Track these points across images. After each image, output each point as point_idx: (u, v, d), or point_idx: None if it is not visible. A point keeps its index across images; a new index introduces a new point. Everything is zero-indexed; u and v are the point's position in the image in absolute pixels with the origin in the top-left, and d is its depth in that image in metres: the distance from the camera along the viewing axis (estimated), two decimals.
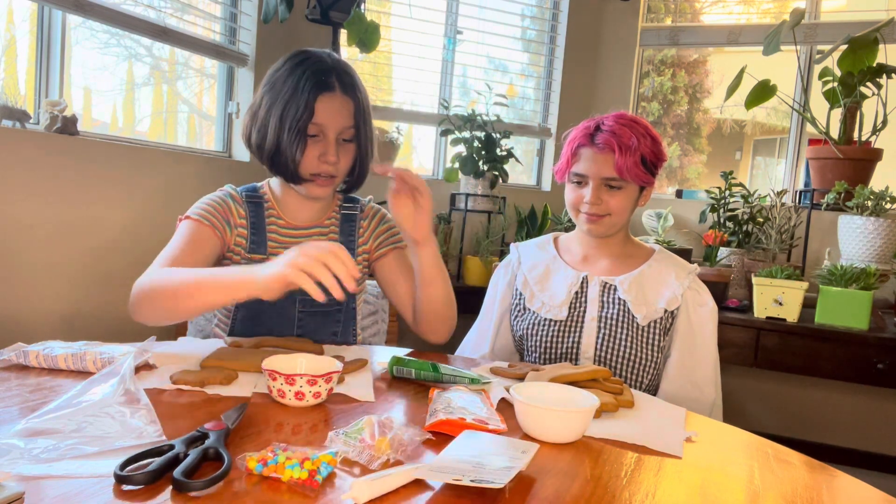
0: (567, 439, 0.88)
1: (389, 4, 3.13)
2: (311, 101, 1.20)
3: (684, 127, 3.73)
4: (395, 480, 0.68)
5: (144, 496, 0.63)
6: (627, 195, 1.37)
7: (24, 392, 0.89)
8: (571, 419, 0.87)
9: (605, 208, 1.37)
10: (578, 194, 1.39)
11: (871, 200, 2.30)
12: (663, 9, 3.37)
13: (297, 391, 0.90)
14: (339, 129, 1.25)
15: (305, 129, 1.21)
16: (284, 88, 1.22)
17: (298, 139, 1.21)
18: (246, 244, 1.31)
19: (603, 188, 1.36)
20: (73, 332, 1.97)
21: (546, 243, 1.55)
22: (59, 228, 1.93)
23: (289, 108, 1.21)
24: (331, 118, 1.23)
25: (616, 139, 1.33)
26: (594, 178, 1.36)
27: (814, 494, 0.80)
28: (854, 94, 2.50)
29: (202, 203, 1.30)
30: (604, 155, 1.35)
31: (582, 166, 1.37)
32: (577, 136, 1.39)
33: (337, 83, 1.24)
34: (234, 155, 2.73)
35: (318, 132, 1.24)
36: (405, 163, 3.43)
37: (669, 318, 1.40)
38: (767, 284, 2.26)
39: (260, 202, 1.34)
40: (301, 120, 1.20)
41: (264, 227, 1.33)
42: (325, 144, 1.24)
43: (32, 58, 1.99)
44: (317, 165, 1.25)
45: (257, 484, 0.67)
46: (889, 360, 2.16)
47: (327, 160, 1.24)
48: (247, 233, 1.32)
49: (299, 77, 1.22)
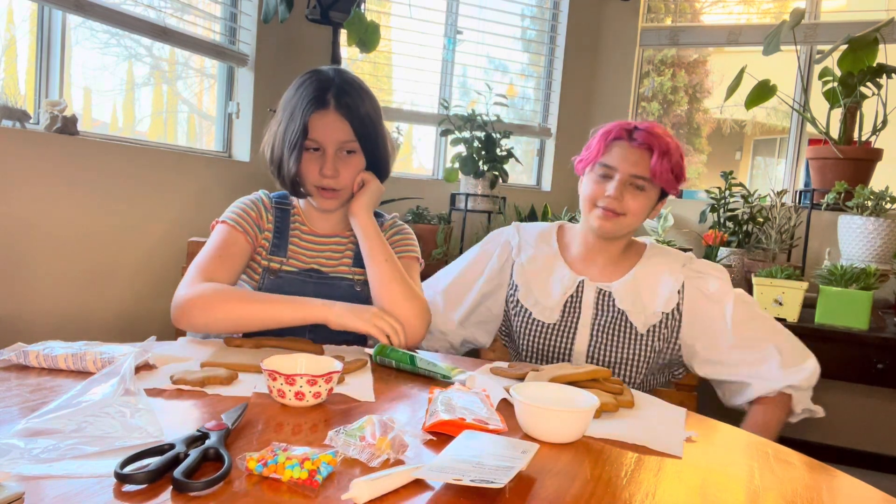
0: (567, 439, 0.88)
1: (389, 4, 3.13)
2: (305, 119, 1.25)
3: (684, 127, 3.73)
4: (395, 480, 0.68)
5: (145, 496, 0.63)
6: (648, 199, 1.36)
7: (24, 392, 0.89)
8: (571, 419, 0.87)
9: (624, 207, 1.34)
10: (600, 187, 1.36)
11: (871, 200, 2.30)
12: (663, 9, 3.37)
13: (297, 391, 0.90)
14: (336, 143, 1.28)
15: (300, 145, 1.26)
16: (288, 107, 1.29)
17: (293, 154, 1.27)
18: (268, 246, 1.37)
19: (628, 186, 1.34)
20: (73, 332, 1.97)
21: (549, 235, 1.51)
22: (60, 228, 1.93)
23: (289, 126, 1.27)
24: (325, 134, 1.27)
25: (656, 140, 1.32)
26: (623, 172, 1.34)
27: (814, 494, 0.80)
28: (854, 94, 2.50)
29: (236, 207, 1.36)
30: (640, 152, 1.34)
31: (614, 159, 1.35)
32: (613, 129, 1.37)
33: (332, 100, 1.27)
34: (233, 155, 2.73)
35: (318, 146, 1.29)
36: (405, 163, 3.43)
37: (672, 318, 1.39)
38: (767, 284, 2.26)
39: (287, 209, 1.40)
40: (295, 137, 1.26)
41: (288, 233, 1.38)
42: (324, 159, 1.28)
43: (32, 58, 1.99)
44: (318, 179, 1.29)
45: (257, 484, 0.67)
46: (889, 360, 2.16)
47: (325, 174, 1.28)
48: (270, 236, 1.37)
49: (300, 96, 1.28)
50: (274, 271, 1.35)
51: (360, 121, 1.28)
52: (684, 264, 1.41)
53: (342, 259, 1.39)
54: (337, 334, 1.36)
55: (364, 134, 1.29)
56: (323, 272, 1.37)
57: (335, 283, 1.37)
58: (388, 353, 1.17)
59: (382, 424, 0.80)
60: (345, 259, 1.39)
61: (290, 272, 1.35)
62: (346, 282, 1.37)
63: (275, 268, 1.35)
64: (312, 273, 1.36)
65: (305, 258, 1.37)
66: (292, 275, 1.35)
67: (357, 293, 1.37)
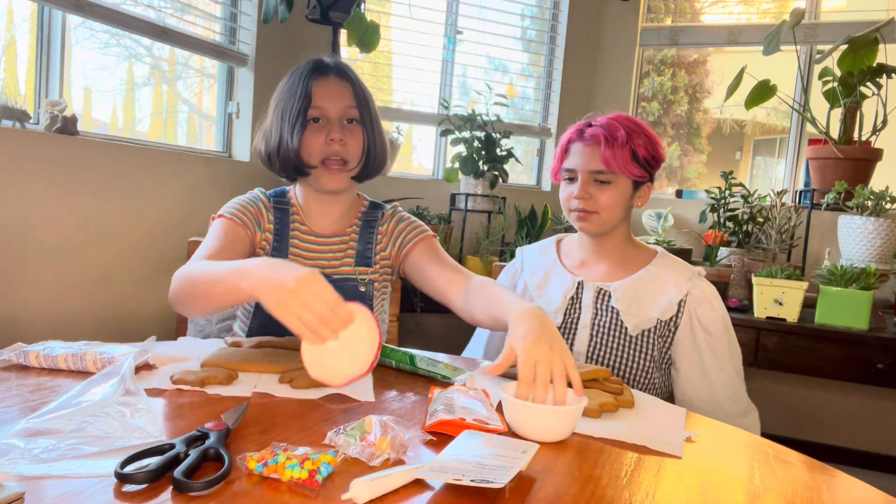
0: (554, 438, 0.87)
1: (389, 4, 3.13)
2: (307, 86, 1.24)
3: (684, 127, 3.73)
4: (395, 480, 0.68)
5: (145, 496, 0.63)
6: (617, 191, 1.35)
7: (24, 392, 0.89)
8: (557, 418, 0.87)
9: (593, 204, 1.35)
10: (569, 192, 1.38)
11: (871, 200, 2.30)
12: (663, 9, 3.37)
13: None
14: (340, 109, 1.27)
15: (304, 114, 1.24)
16: (284, 90, 1.28)
17: (297, 123, 1.24)
18: (269, 248, 1.34)
19: (591, 183, 1.35)
20: (74, 332, 1.97)
21: (549, 247, 1.53)
22: (60, 228, 1.93)
23: (288, 102, 1.26)
24: (329, 100, 1.26)
25: (603, 131, 1.33)
26: (582, 171, 1.36)
27: (814, 494, 0.80)
28: (854, 94, 2.50)
29: (234, 203, 1.34)
30: (591, 148, 1.35)
31: (571, 161, 1.38)
32: (569, 133, 1.40)
33: (332, 69, 1.29)
34: (234, 155, 2.73)
35: (321, 115, 1.26)
36: (405, 163, 3.43)
37: (666, 328, 1.38)
38: (767, 284, 2.26)
39: (286, 209, 1.36)
40: (299, 105, 1.24)
41: (287, 235, 1.35)
42: (329, 125, 1.26)
43: (32, 58, 1.99)
44: (324, 148, 1.25)
45: (257, 484, 0.67)
46: (889, 359, 2.16)
47: (332, 138, 1.25)
48: (271, 238, 1.34)
49: (297, 75, 1.28)
50: None
51: (360, 87, 1.30)
52: (690, 278, 1.39)
53: (344, 259, 1.37)
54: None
55: (363, 101, 1.30)
56: (327, 274, 1.35)
57: (339, 285, 1.34)
58: (388, 353, 1.17)
59: (382, 424, 0.80)
60: (346, 259, 1.37)
61: None
62: (350, 283, 1.36)
63: None
64: None
65: (306, 260, 1.35)
66: None
67: (362, 294, 1.36)
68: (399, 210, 1.44)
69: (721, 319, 1.38)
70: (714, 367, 1.37)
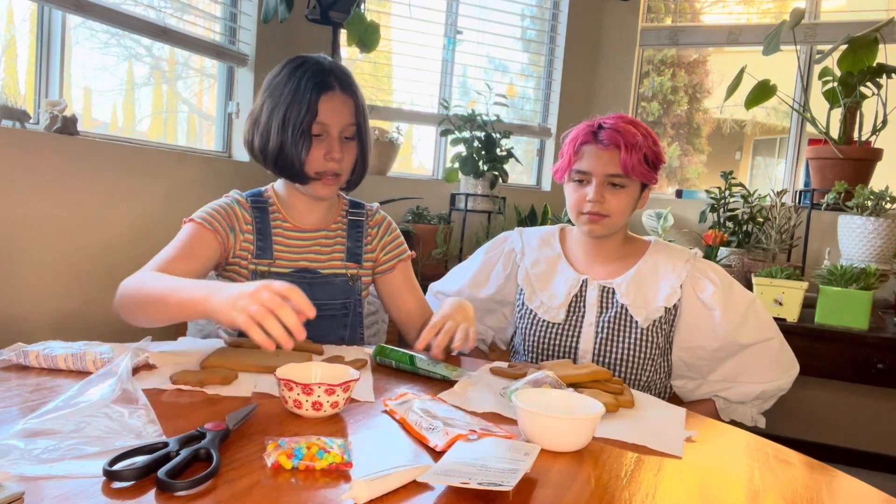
0: (574, 447, 0.85)
1: (389, 4, 3.13)
2: (313, 101, 1.23)
3: (684, 127, 3.73)
4: (395, 480, 0.68)
5: (131, 494, 0.63)
6: (629, 195, 1.36)
7: (24, 392, 0.89)
8: (580, 427, 0.84)
9: (606, 208, 1.35)
10: (581, 193, 1.37)
11: (871, 200, 2.30)
12: (663, 9, 3.37)
13: (315, 401, 0.86)
14: (341, 126, 1.27)
15: (310, 129, 1.24)
16: (285, 91, 1.25)
17: (303, 139, 1.24)
18: (252, 249, 1.32)
19: (606, 186, 1.35)
20: (74, 332, 1.97)
21: (551, 238, 1.52)
22: (60, 228, 1.93)
23: (291, 109, 1.23)
24: (333, 116, 1.26)
25: (621, 136, 1.32)
26: (598, 175, 1.34)
27: (814, 494, 0.80)
28: (854, 94, 2.50)
29: (208, 207, 1.32)
30: (609, 152, 1.34)
31: (586, 163, 1.36)
32: (579, 135, 1.38)
33: (336, 83, 1.27)
34: (234, 155, 2.73)
35: (322, 131, 1.27)
36: (405, 163, 3.43)
37: (671, 314, 1.39)
38: (767, 284, 2.26)
39: (265, 207, 1.35)
40: (305, 120, 1.23)
41: (270, 233, 1.33)
42: (330, 142, 1.26)
43: (32, 58, 1.99)
44: (322, 164, 1.27)
45: (258, 482, 0.67)
46: (889, 360, 2.15)
47: (332, 157, 1.26)
48: (253, 238, 1.32)
49: (299, 79, 1.25)
50: (262, 275, 1.30)
51: (361, 100, 1.31)
52: (688, 260, 1.41)
53: (332, 254, 1.37)
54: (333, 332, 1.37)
55: (362, 115, 1.31)
56: (316, 271, 1.35)
57: (330, 280, 1.35)
58: (388, 354, 1.17)
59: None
60: (335, 254, 1.37)
61: (281, 274, 1.31)
62: (340, 278, 1.36)
63: (263, 271, 1.31)
64: (306, 273, 1.33)
65: (293, 257, 1.34)
66: (283, 277, 1.30)
67: (351, 288, 1.37)
68: (386, 216, 1.47)
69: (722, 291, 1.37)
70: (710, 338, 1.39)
